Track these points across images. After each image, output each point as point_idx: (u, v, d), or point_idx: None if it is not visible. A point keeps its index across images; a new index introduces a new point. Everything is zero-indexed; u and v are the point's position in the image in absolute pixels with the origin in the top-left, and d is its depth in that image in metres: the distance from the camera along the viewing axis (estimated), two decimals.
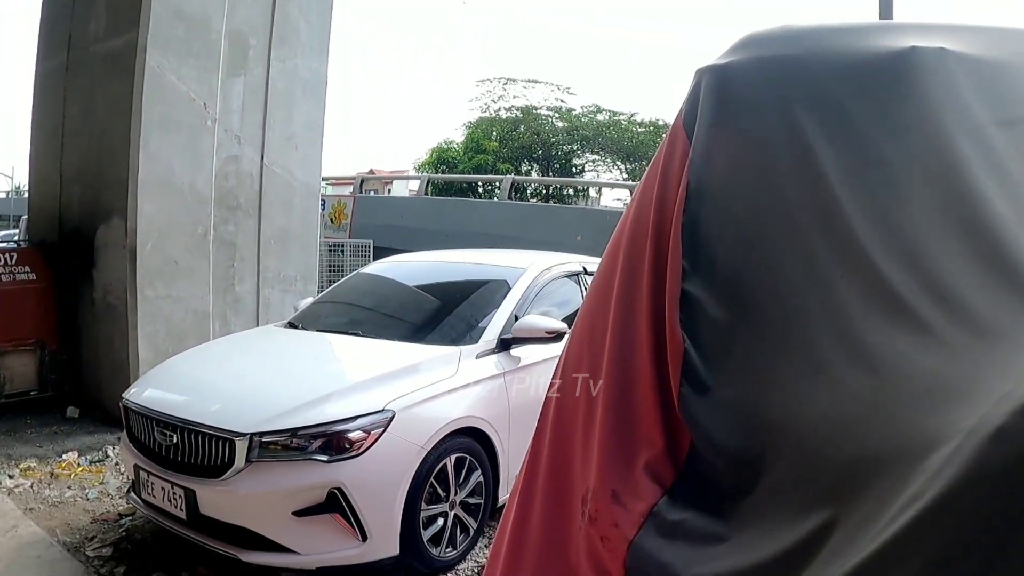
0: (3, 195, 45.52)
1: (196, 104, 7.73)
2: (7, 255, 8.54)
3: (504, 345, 5.18)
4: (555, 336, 5.11)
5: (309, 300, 6.73)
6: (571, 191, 36.23)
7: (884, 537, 1.17)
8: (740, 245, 1.71)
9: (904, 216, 1.57)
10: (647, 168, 2.00)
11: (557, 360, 2.21)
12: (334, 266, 14.15)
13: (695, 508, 1.62)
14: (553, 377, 2.15)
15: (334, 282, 8.87)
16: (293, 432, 4.21)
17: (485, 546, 5.06)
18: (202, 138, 7.82)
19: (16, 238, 16.86)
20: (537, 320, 5.22)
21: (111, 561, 4.88)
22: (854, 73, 1.73)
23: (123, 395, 5.13)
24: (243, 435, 4.21)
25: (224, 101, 7.96)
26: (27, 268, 8.52)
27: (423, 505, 4.48)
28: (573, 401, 2.03)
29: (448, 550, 4.71)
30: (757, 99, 1.79)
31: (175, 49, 7.56)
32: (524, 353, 5.23)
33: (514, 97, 41.87)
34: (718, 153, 1.78)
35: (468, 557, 4.89)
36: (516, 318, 5.31)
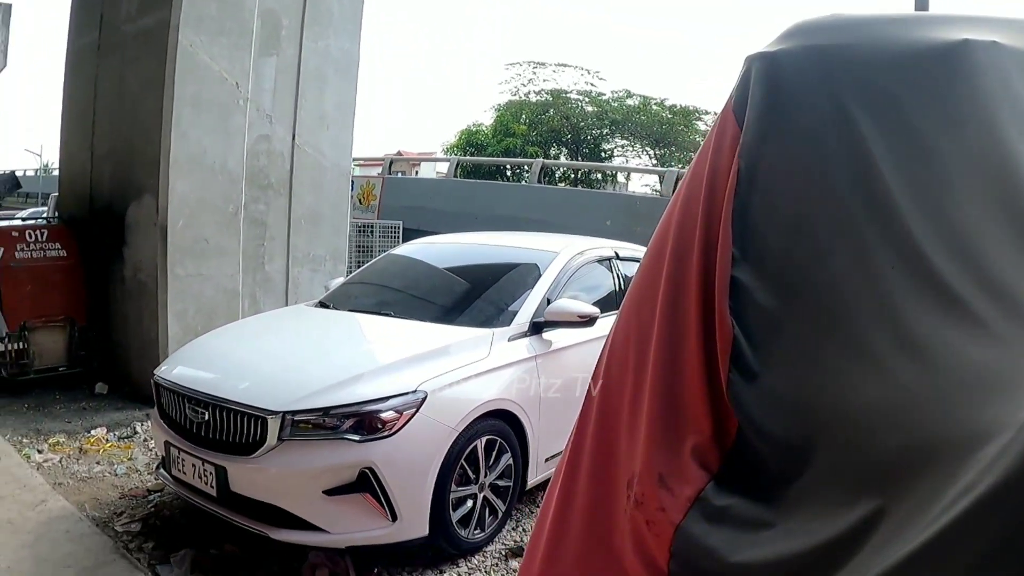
0: (32, 173, 45.91)
1: (228, 83, 7.74)
2: (38, 231, 8.62)
3: (536, 328, 5.16)
4: (587, 320, 5.10)
5: (340, 280, 6.75)
6: (600, 176, 36.14)
7: (935, 529, 1.16)
8: (790, 233, 1.70)
9: (956, 209, 1.57)
10: (696, 153, 1.99)
11: (604, 341, 2.20)
12: (363, 247, 14.20)
13: (741, 494, 1.62)
14: (599, 360, 2.14)
15: (363, 263, 8.89)
16: (325, 411, 4.21)
17: (513, 528, 5.08)
18: (234, 117, 7.84)
19: (45, 215, 16.99)
20: (570, 304, 5.20)
21: (139, 536, 4.91)
22: (905, 64, 1.71)
23: (154, 372, 5.16)
24: (275, 413, 4.22)
25: (256, 80, 7.96)
26: (57, 245, 8.59)
27: (453, 486, 4.48)
28: (619, 385, 2.02)
29: (477, 532, 4.72)
30: (808, 87, 1.78)
31: (207, 28, 7.57)
32: (556, 337, 5.22)
33: (544, 81, 41.83)
34: (769, 140, 1.77)
35: (496, 539, 4.90)
36: (548, 301, 5.28)
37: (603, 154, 40.52)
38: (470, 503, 4.66)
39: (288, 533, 4.25)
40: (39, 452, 6.44)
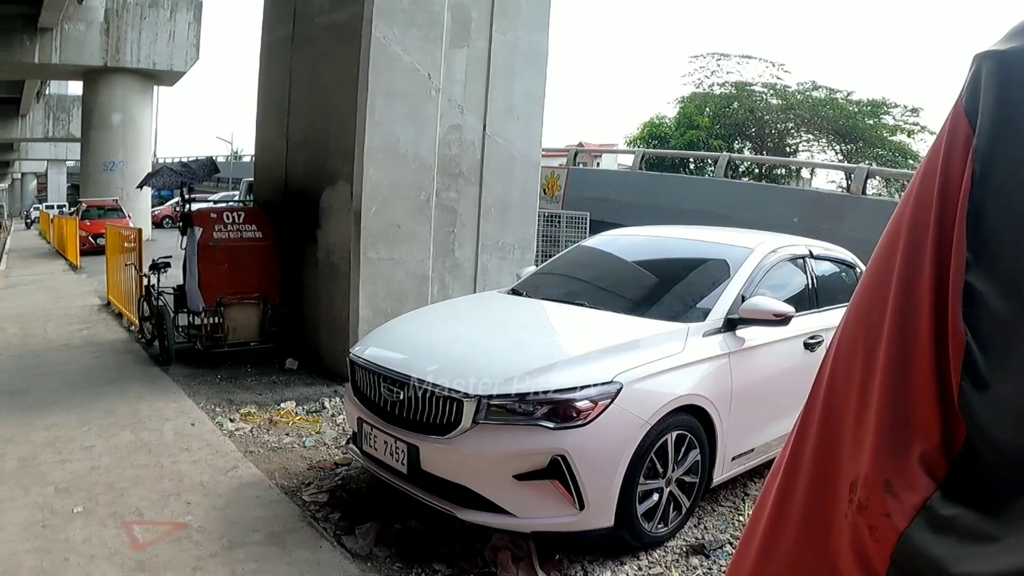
0: (223, 159, 48.65)
1: (420, 74, 7.94)
2: (235, 214, 9.09)
3: (730, 325, 5.03)
4: (782, 319, 4.95)
5: (531, 268, 6.84)
6: (783, 171, 35.32)
7: None
8: None
9: None
10: (927, 154, 1.91)
11: (831, 339, 2.14)
12: (549, 237, 14.34)
13: (967, 505, 1.55)
14: (823, 360, 2.09)
15: (549, 253, 8.94)
16: (521, 397, 4.24)
17: (694, 525, 5.00)
18: (425, 107, 8.05)
19: (236, 198, 17.83)
20: (765, 302, 5.06)
21: (326, 507, 5.11)
22: None
23: (350, 350, 5.34)
24: (472, 396, 4.28)
25: (447, 72, 8.15)
26: (253, 227, 9.04)
27: (641, 479, 4.43)
28: (845, 386, 1.95)
29: (660, 526, 4.66)
30: None
31: (399, 21, 7.79)
32: (749, 335, 5.07)
33: (727, 73, 41.53)
34: (1003, 143, 1.68)
35: (678, 535, 4.83)
36: (743, 298, 5.15)
37: (787, 148, 39.64)
38: (655, 497, 4.60)
39: (475, 514, 4.31)
40: (231, 421, 6.80)
